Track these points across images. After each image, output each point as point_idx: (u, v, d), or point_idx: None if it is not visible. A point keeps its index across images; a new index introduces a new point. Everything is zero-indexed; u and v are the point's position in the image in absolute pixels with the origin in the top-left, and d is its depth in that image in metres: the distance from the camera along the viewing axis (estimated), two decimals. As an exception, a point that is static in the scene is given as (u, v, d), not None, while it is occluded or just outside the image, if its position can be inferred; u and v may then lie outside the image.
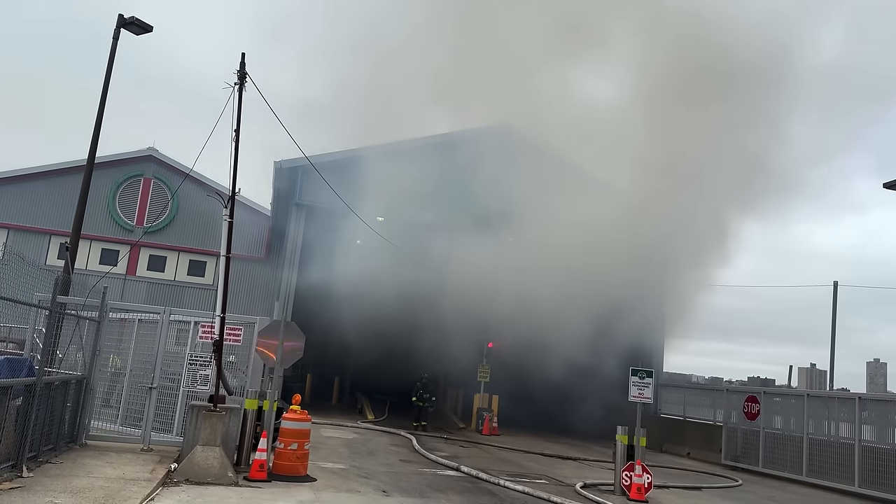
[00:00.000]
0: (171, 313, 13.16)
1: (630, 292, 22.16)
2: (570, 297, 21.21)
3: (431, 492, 11.76)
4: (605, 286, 21.25)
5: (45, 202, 25.01)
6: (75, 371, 12.09)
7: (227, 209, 12.01)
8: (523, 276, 21.42)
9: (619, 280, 21.48)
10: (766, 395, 20.61)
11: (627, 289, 21.90)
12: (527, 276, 21.42)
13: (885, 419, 17.08)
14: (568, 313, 21.14)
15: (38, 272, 10.92)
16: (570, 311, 21.17)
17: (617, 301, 21.73)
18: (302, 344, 12.25)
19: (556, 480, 14.44)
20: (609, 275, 21.23)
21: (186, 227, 25.83)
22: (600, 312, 21.35)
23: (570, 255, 21.21)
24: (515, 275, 21.50)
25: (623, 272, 21.40)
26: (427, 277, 21.54)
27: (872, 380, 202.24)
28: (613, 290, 21.41)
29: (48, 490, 8.40)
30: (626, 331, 22.78)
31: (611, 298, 21.47)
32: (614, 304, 21.65)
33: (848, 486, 16.58)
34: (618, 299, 21.73)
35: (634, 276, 21.99)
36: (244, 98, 11.77)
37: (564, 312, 21.14)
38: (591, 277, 21.09)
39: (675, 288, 24.95)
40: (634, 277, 22.03)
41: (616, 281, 21.40)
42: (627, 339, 23.05)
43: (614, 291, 21.45)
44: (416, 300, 21.56)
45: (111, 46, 16.15)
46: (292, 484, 10.86)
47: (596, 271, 21.17)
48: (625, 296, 21.99)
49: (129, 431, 12.78)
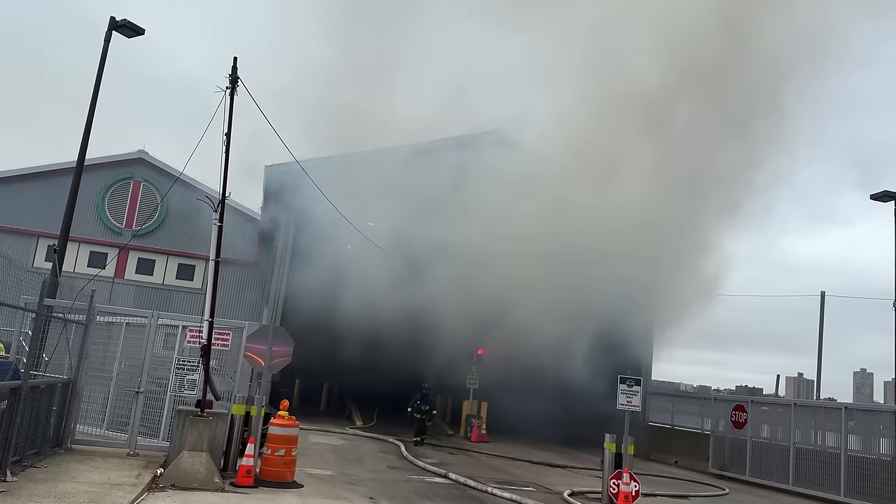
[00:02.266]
0: (160, 317, 13.10)
1: (619, 302, 22.22)
2: (560, 304, 21.27)
3: (419, 499, 11.74)
4: (594, 295, 21.31)
5: (33, 204, 24.80)
6: (62, 375, 12.00)
7: (217, 213, 11.97)
8: (511, 283, 21.45)
9: (609, 289, 21.55)
10: (753, 404, 20.68)
11: (617, 298, 21.97)
12: (515, 283, 21.45)
13: (871, 429, 17.20)
14: (557, 321, 21.18)
15: (25, 274, 10.85)
16: (560, 319, 21.22)
17: (606, 310, 21.79)
18: (290, 349, 12.22)
19: (544, 488, 14.44)
20: (598, 284, 21.30)
21: (176, 230, 25.67)
22: (590, 321, 21.42)
23: (560, 262, 21.27)
24: (504, 282, 21.52)
25: (613, 281, 21.47)
26: (417, 283, 21.53)
27: (859, 389, 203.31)
28: (603, 299, 21.49)
29: (32, 495, 8.33)
30: (615, 340, 22.84)
31: (600, 308, 21.53)
32: (604, 313, 21.72)
33: (834, 496, 16.65)
34: (607, 309, 21.80)
35: (624, 284, 22.06)
36: (235, 101, 11.78)
37: (554, 320, 21.18)
38: (581, 286, 21.16)
39: (665, 297, 25.03)
40: (624, 286, 22.09)
41: (605, 290, 21.48)
42: (616, 348, 23.12)
43: (604, 301, 21.52)
44: (406, 305, 21.53)
45: (102, 48, 16.10)
46: (279, 490, 10.82)
47: (585, 280, 21.24)
48: (614, 305, 22.06)
49: (115, 436, 12.68)
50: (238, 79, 11.78)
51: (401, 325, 22.21)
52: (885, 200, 21.48)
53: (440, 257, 21.41)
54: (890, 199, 21.36)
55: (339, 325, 22.15)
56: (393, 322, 22.10)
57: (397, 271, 21.53)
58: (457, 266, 21.20)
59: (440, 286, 21.38)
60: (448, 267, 21.29)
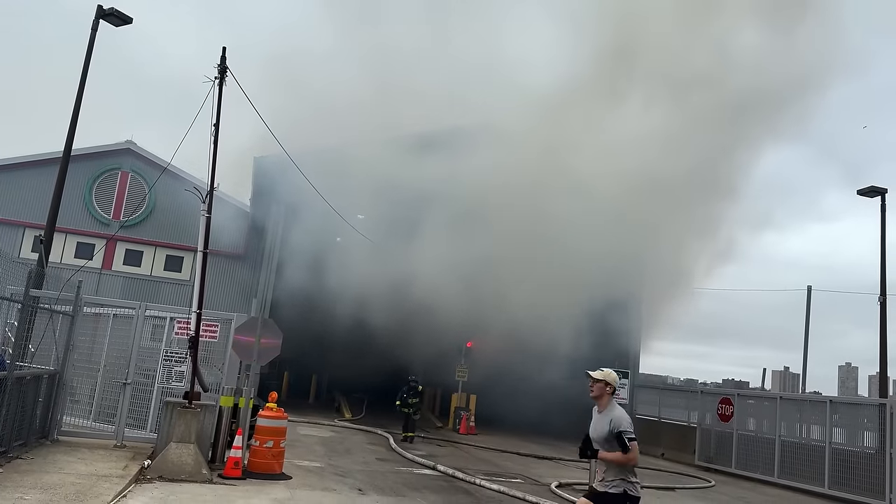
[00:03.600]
0: (147, 308, 13.03)
1: (608, 295, 22.30)
2: (549, 297, 21.33)
3: (407, 490, 11.76)
4: (582, 288, 21.38)
5: (19, 194, 24.59)
6: (48, 366, 11.93)
7: (205, 204, 11.91)
8: (501, 274, 21.49)
9: (597, 282, 21.62)
10: (739, 398, 20.83)
11: (605, 291, 22.05)
12: (504, 275, 21.49)
13: (855, 422, 17.38)
14: (545, 315, 21.25)
15: (11, 265, 10.77)
16: (548, 312, 21.28)
17: (595, 303, 21.87)
18: (279, 341, 12.18)
19: (532, 480, 14.50)
20: (587, 277, 21.36)
21: (164, 221, 25.53)
22: (578, 314, 21.49)
23: (548, 256, 21.31)
24: (493, 272, 21.55)
25: (601, 275, 21.55)
26: (405, 275, 21.52)
27: (844, 383, 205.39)
28: (591, 292, 21.55)
29: (18, 486, 8.28)
30: (602, 332, 22.93)
31: (589, 300, 21.60)
32: (592, 305, 21.79)
33: (818, 488, 16.82)
34: (596, 301, 21.87)
35: (612, 278, 22.14)
36: (224, 92, 11.71)
37: (542, 314, 21.24)
38: (569, 280, 21.21)
39: (652, 290, 25.16)
40: (612, 280, 22.17)
41: (594, 283, 21.54)
42: (604, 340, 23.21)
43: (592, 294, 21.59)
44: (395, 298, 21.53)
45: (90, 37, 15.94)
46: (267, 482, 10.81)
47: (574, 272, 21.29)
48: (603, 298, 22.14)
49: (103, 427, 12.63)
50: (227, 69, 11.70)
51: (390, 318, 22.22)
52: (872, 196, 21.63)
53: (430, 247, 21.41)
54: (876, 194, 21.51)
55: (328, 317, 22.12)
56: (382, 314, 22.11)
57: (386, 262, 21.52)
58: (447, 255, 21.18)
59: (430, 278, 21.38)
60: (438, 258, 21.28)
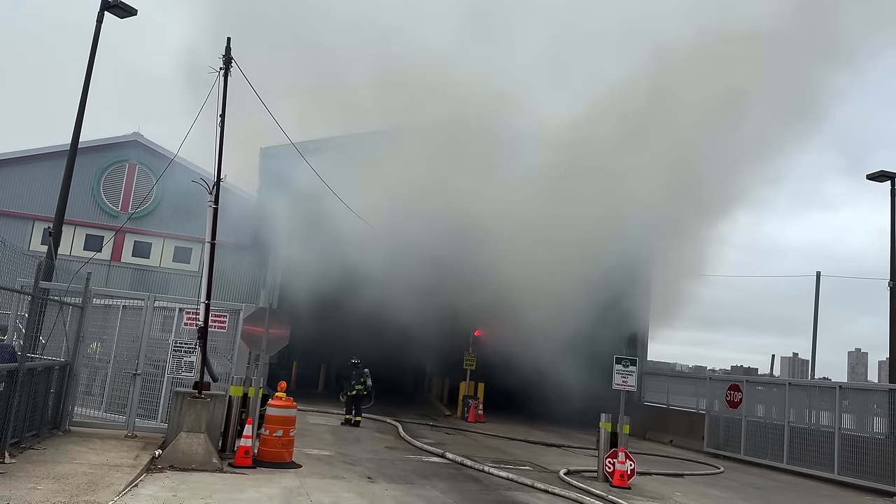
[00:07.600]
0: (156, 300, 13.10)
1: (615, 282, 22.26)
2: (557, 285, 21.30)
3: (416, 478, 11.82)
4: (590, 275, 21.33)
5: (28, 187, 24.68)
6: (59, 357, 12.03)
7: (213, 195, 11.94)
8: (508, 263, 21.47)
9: (605, 269, 21.57)
10: (748, 384, 20.81)
11: (613, 279, 22.01)
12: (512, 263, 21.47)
13: (865, 408, 17.35)
14: (554, 303, 21.23)
15: (20, 257, 10.83)
16: (557, 300, 21.26)
17: (602, 290, 21.84)
18: (288, 331, 12.23)
19: (540, 467, 14.55)
20: (595, 264, 21.31)
21: (172, 213, 25.57)
22: (586, 302, 21.45)
23: (556, 245, 21.27)
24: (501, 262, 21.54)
25: (609, 261, 21.50)
26: (414, 263, 21.52)
27: (853, 369, 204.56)
28: (599, 279, 21.51)
29: (31, 476, 8.37)
30: (611, 320, 22.89)
31: (597, 288, 21.56)
32: (600, 293, 21.75)
33: (827, 474, 16.81)
34: (603, 288, 21.84)
35: (620, 265, 22.09)
36: (230, 83, 11.70)
37: (551, 303, 21.22)
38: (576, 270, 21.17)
39: (661, 277, 25.09)
40: (620, 267, 22.13)
41: (601, 270, 21.50)
42: (612, 328, 23.17)
43: (600, 281, 21.55)
44: (403, 287, 21.54)
45: (95, 29, 15.95)
46: (277, 470, 10.89)
47: (582, 260, 21.25)
48: (610, 285, 22.11)
49: (113, 418, 12.73)
50: (231, 59, 11.69)
51: (399, 307, 22.24)
52: (882, 180, 21.48)
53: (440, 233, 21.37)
54: (886, 178, 21.35)
55: (337, 307, 22.16)
56: (391, 303, 22.13)
57: (395, 251, 21.51)
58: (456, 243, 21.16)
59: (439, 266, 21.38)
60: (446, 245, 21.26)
